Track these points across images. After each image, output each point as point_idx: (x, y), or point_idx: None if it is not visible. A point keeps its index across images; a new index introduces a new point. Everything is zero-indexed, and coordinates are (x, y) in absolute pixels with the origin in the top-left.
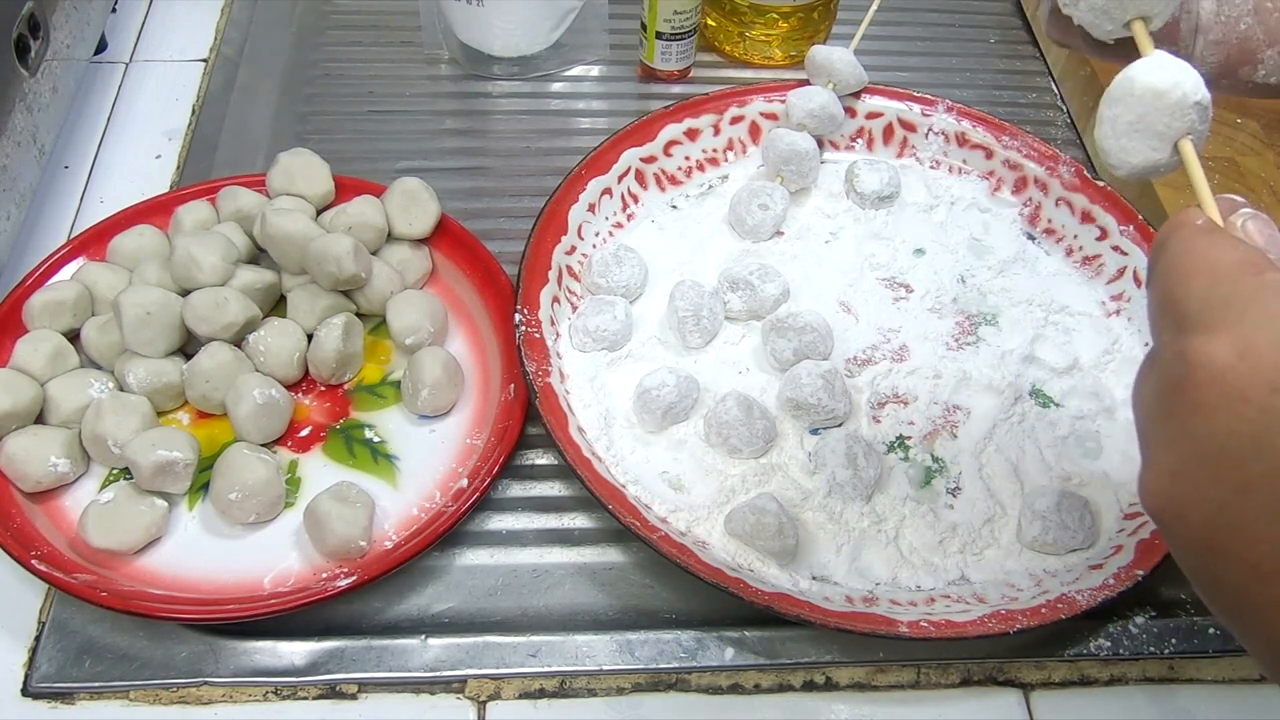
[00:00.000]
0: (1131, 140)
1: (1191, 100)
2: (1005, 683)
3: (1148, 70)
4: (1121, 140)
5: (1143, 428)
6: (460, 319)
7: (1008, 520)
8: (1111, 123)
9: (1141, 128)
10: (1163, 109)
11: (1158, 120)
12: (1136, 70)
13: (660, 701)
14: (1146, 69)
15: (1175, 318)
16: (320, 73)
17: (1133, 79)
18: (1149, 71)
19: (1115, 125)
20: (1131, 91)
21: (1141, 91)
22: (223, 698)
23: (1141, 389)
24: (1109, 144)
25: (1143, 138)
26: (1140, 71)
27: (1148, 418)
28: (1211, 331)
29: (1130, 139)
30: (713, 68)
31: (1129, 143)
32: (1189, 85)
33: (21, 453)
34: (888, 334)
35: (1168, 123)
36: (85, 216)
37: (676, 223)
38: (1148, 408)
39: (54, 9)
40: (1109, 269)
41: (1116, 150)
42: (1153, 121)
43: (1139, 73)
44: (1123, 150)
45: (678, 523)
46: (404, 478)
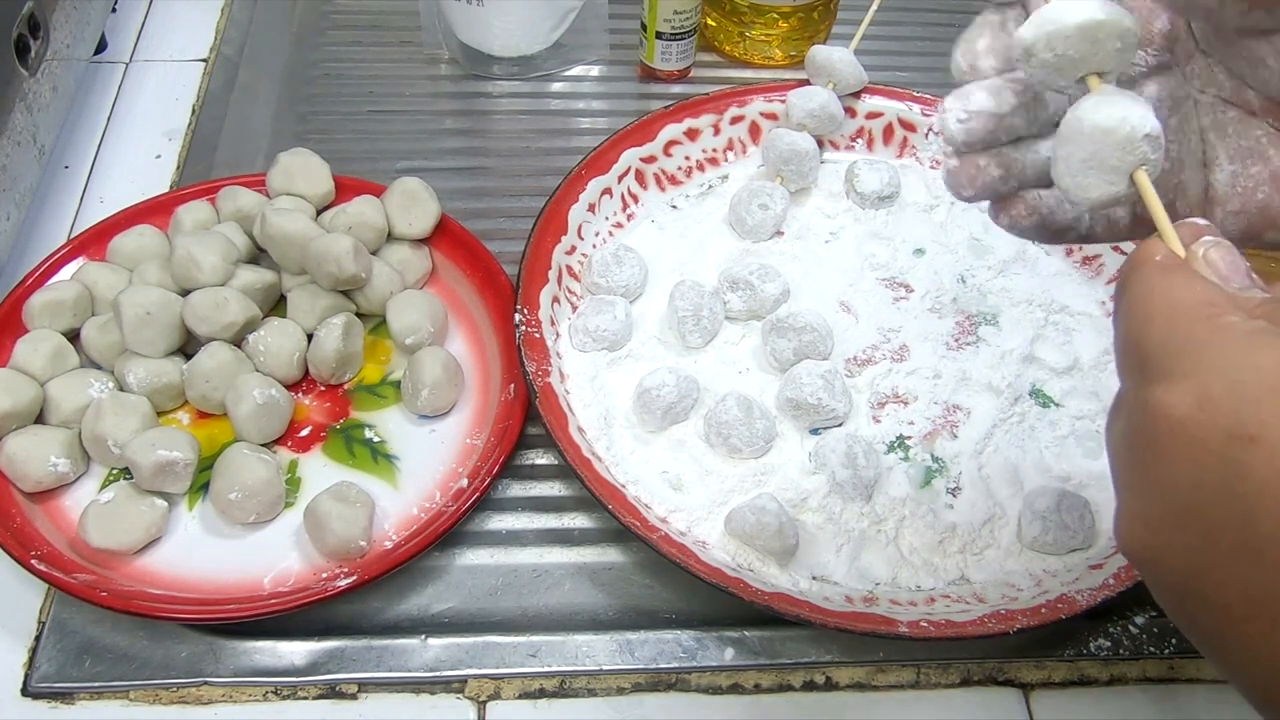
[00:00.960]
0: (1087, 177)
1: (1141, 134)
2: (1005, 683)
3: (1094, 109)
4: (1077, 178)
5: (1114, 471)
6: (460, 319)
7: (1008, 520)
8: (1065, 161)
9: (1095, 164)
10: (1113, 145)
11: (1110, 156)
12: (1084, 109)
13: (660, 701)
14: (1093, 107)
15: (1138, 364)
16: (320, 73)
17: (1080, 118)
18: (1095, 109)
19: (1069, 164)
20: (1080, 130)
21: (1090, 130)
22: (223, 698)
23: (1111, 432)
24: (1066, 181)
25: (1097, 174)
26: (1088, 110)
27: (1118, 462)
28: (1170, 380)
29: (1085, 176)
30: (713, 68)
31: (1085, 179)
32: (1136, 119)
33: (21, 453)
34: (888, 334)
35: (1120, 157)
36: (85, 216)
37: (676, 223)
38: (1117, 452)
39: (54, 9)
40: (1109, 269)
41: (1074, 187)
42: (1105, 157)
43: (1086, 111)
44: (1080, 187)
45: (677, 523)
46: (404, 478)
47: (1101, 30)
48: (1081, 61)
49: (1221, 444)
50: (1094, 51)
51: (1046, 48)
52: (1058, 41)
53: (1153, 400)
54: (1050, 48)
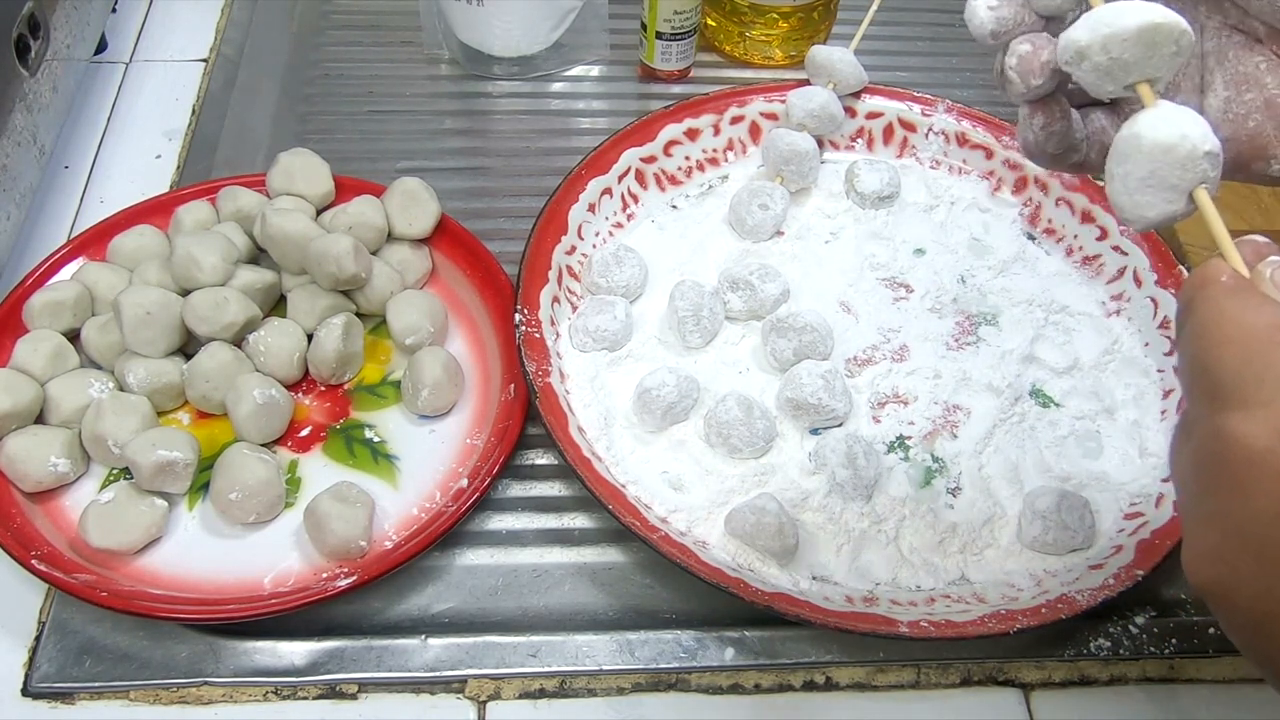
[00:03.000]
0: (1145, 195)
1: (1201, 151)
2: (1005, 683)
3: (1153, 125)
4: (1135, 196)
5: (1183, 499)
6: (460, 319)
7: (1008, 520)
8: (1123, 180)
9: (1154, 183)
10: (1173, 162)
11: (1170, 174)
12: (1142, 126)
13: (660, 701)
14: (1151, 124)
15: (1208, 390)
16: (320, 73)
17: (1139, 135)
18: (1154, 126)
19: (1126, 182)
20: (1139, 148)
21: (1150, 148)
22: (223, 698)
23: (1178, 458)
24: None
25: (1156, 192)
26: (1146, 127)
27: (1187, 491)
28: (1247, 409)
29: (1143, 194)
30: (713, 68)
31: (1142, 198)
32: (1197, 136)
33: (21, 453)
34: (888, 334)
35: (1180, 175)
36: (85, 216)
37: (676, 223)
38: (1186, 480)
39: (54, 9)
40: (1109, 269)
41: (1131, 206)
42: (1165, 175)
43: (1145, 128)
44: (1137, 206)
45: (678, 523)
46: (404, 478)
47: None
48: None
49: None
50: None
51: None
52: (1114, 45)
53: (1228, 428)
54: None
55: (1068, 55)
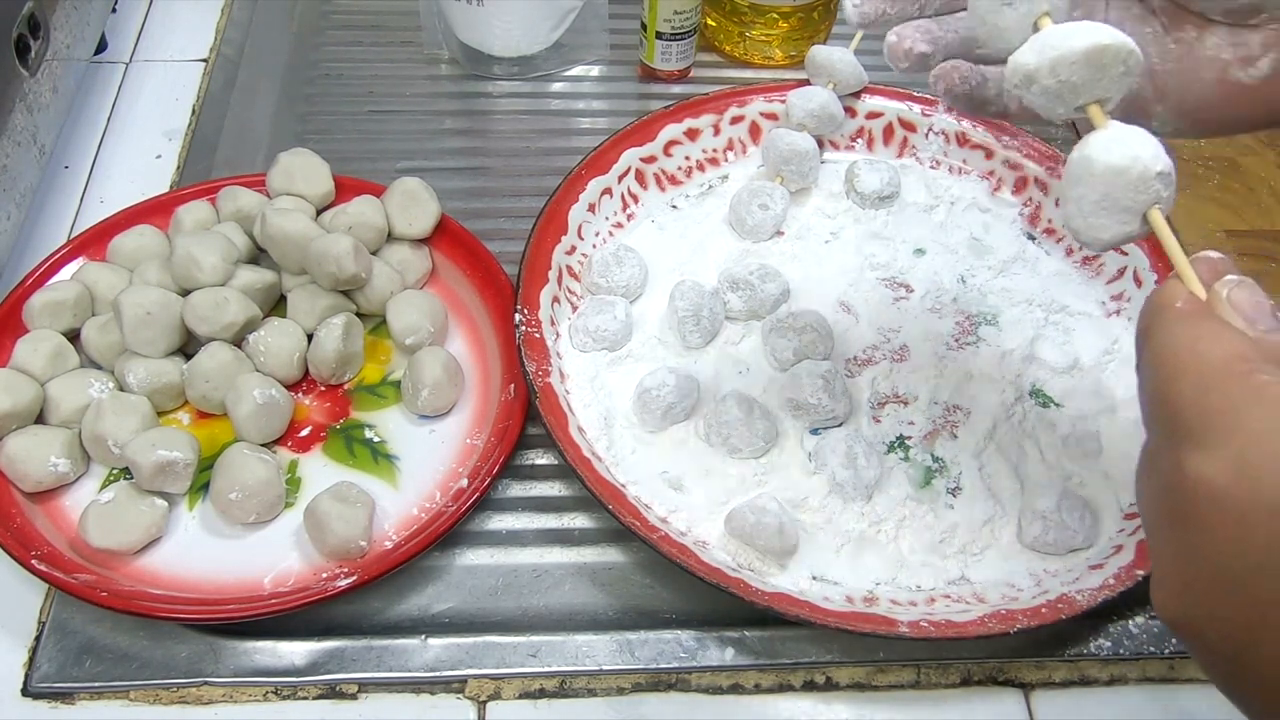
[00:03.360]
0: (1099, 218)
1: (1154, 172)
2: (1005, 683)
3: (1105, 148)
4: (1089, 219)
5: (1149, 532)
6: (460, 319)
7: (1008, 520)
8: (1077, 203)
9: (1108, 205)
10: (1126, 185)
11: (1123, 196)
12: (1093, 149)
13: (660, 701)
14: (1104, 147)
15: (1167, 424)
16: (320, 73)
17: (1091, 159)
18: (1106, 149)
19: (1081, 206)
20: (1092, 171)
21: (1102, 171)
22: (223, 698)
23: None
24: (1078, 223)
25: (1110, 214)
26: (1098, 150)
27: (1152, 524)
28: (1206, 446)
29: (1098, 217)
30: (713, 68)
31: (1097, 221)
32: (1148, 157)
33: (21, 453)
34: (888, 334)
35: (1134, 197)
36: (85, 216)
37: (676, 223)
38: (1151, 514)
39: (54, 9)
40: (1109, 269)
41: (1086, 229)
42: (1118, 198)
43: (1096, 151)
44: (1092, 228)
45: (678, 523)
46: (404, 478)
47: (1107, 55)
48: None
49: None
50: (1098, 77)
51: (1050, 74)
52: (1063, 68)
53: (1189, 466)
54: (1054, 74)
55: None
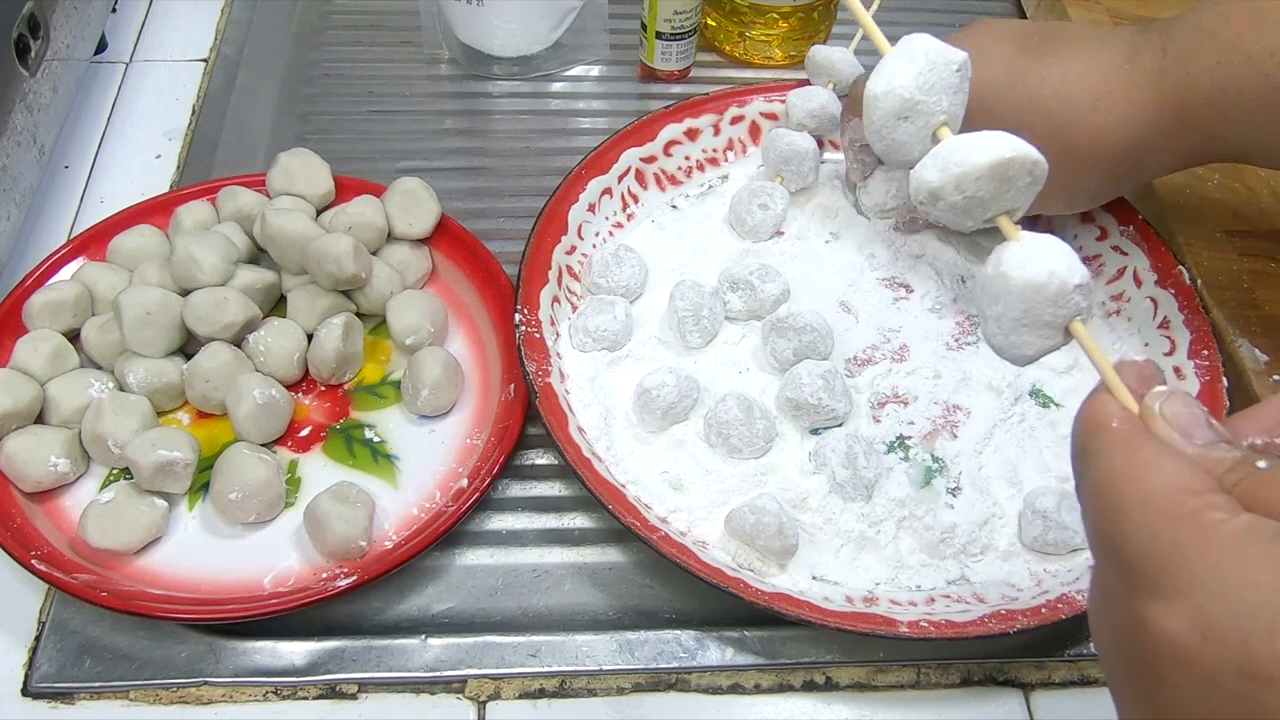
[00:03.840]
0: (1021, 335)
1: (1072, 285)
2: (1005, 683)
3: (1020, 265)
4: (1011, 337)
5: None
6: (460, 319)
7: (1008, 520)
8: (997, 321)
9: (1029, 322)
10: (1046, 301)
11: (1043, 312)
12: (1008, 265)
13: (660, 701)
14: (1018, 263)
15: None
16: (320, 73)
17: (1007, 276)
18: (1021, 266)
19: (1001, 324)
20: (1009, 289)
21: (1019, 288)
22: (223, 698)
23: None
24: (999, 341)
25: (1032, 330)
26: (1013, 267)
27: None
28: (1163, 599)
29: (1019, 334)
30: (713, 68)
31: (1019, 338)
32: (1064, 270)
33: (21, 453)
34: (888, 334)
35: (1054, 312)
36: (85, 216)
37: (676, 223)
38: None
39: (54, 9)
40: (1109, 269)
41: (1009, 346)
42: (1039, 314)
43: (1012, 268)
44: (1014, 346)
45: (678, 523)
46: (404, 478)
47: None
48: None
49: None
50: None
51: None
52: (968, 183)
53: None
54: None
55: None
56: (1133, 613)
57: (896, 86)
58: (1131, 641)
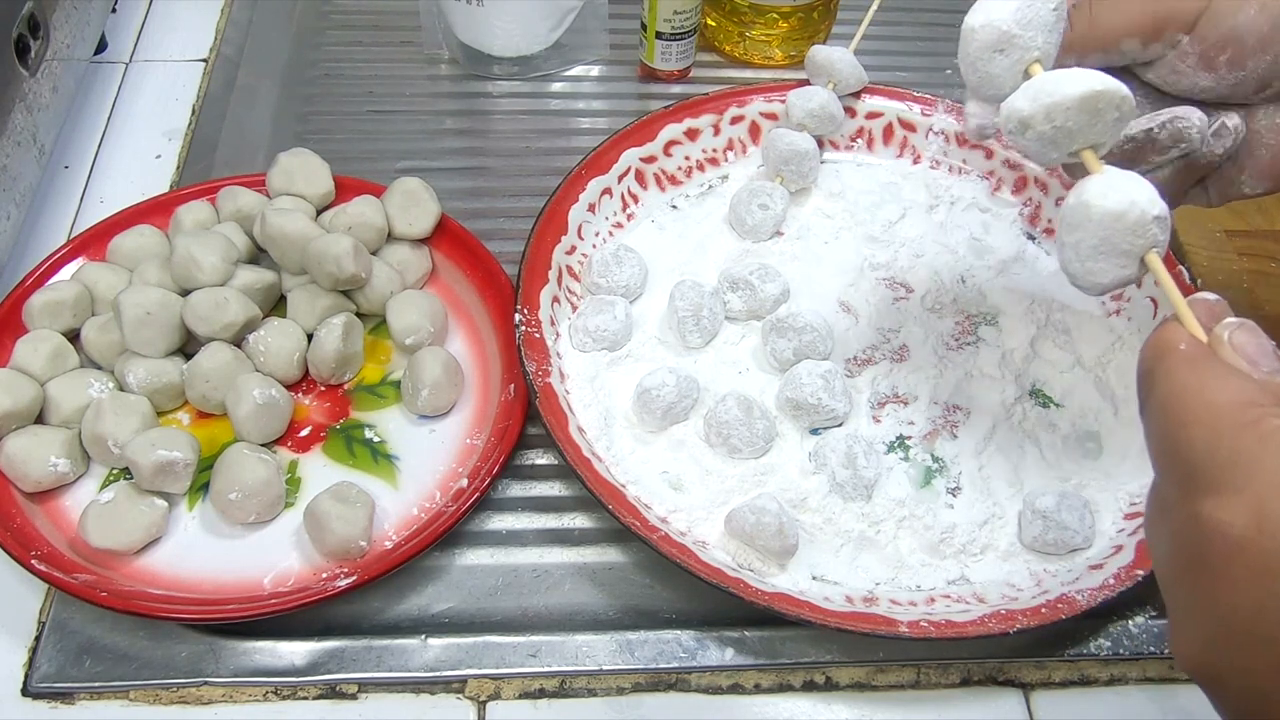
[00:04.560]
0: (1097, 263)
1: (1151, 216)
2: (1005, 683)
3: (1101, 194)
4: (1087, 264)
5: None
6: (460, 319)
7: (1007, 520)
8: (1074, 248)
9: (1106, 250)
10: (1124, 229)
11: (1121, 240)
12: (1090, 194)
13: (660, 701)
14: (1100, 192)
15: (1180, 473)
16: (320, 73)
17: (1088, 204)
18: (1103, 195)
19: (1078, 250)
20: (1089, 217)
21: (1100, 216)
22: (223, 698)
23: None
24: (1075, 268)
25: (1108, 259)
26: (1095, 195)
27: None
28: (1222, 495)
29: (1095, 262)
30: (713, 68)
31: (1095, 265)
32: (1145, 202)
33: (21, 453)
34: (888, 334)
35: (1131, 241)
36: (85, 216)
37: (676, 223)
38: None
39: (54, 9)
40: None
41: (1084, 274)
42: (1116, 242)
43: (1093, 197)
44: (1090, 273)
45: (678, 523)
46: (404, 478)
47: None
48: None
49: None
50: (1093, 123)
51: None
52: (1058, 113)
53: (1205, 516)
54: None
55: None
56: (1192, 512)
57: (995, 19)
58: (1189, 540)
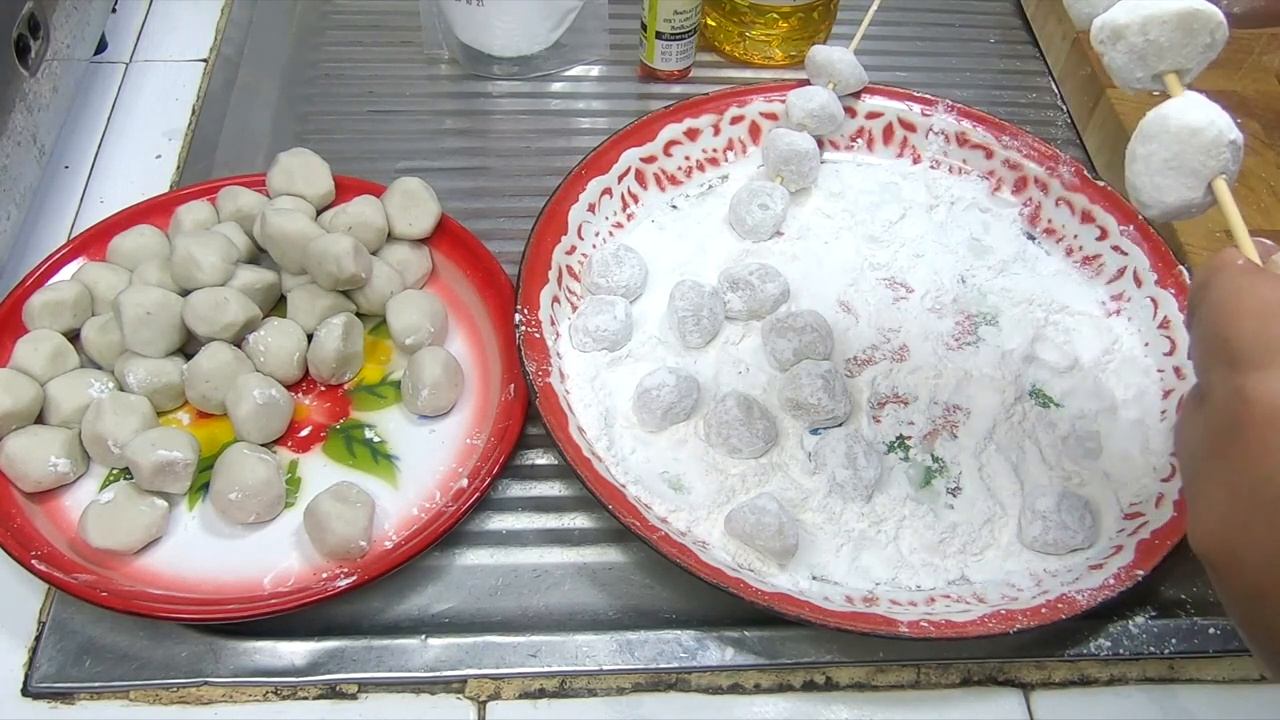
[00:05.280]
0: (1166, 178)
1: (1227, 139)
2: (1005, 683)
3: (1182, 109)
4: (1156, 178)
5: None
6: (460, 319)
7: (1008, 520)
8: (1145, 160)
9: (1176, 165)
10: (1198, 147)
11: (1193, 158)
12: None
13: (660, 701)
14: (1181, 108)
15: (1227, 358)
16: (320, 73)
17: (1167, 116)
18: (1184, 110)
19: (1149, 163)
20: (1166, 129)
21: (1177, 129)
22: (223, 698)
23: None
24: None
25: (1177, 175)
26: (1175, 110)
27: (1197, 457)
28: (1265, 369)
29: (1165, 176)
30: (713, 68)
31: (1163, 180)
32: (1223, 123)
33: (21, 453)
34: (888, 334)
35: (1203, 161)
36: (85, 216)
37: (676, 223)
38: (1195, 448)
39: (54, 9)
40: (1109, 269)
41: (1150, 188)
42: (1188, 159)
43: (1173, 110)
44: (1156, 189)
45: (678, 523)
46: (404, 478)
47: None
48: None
49: None
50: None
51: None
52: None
53: (1247, 388)
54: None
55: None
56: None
57: None
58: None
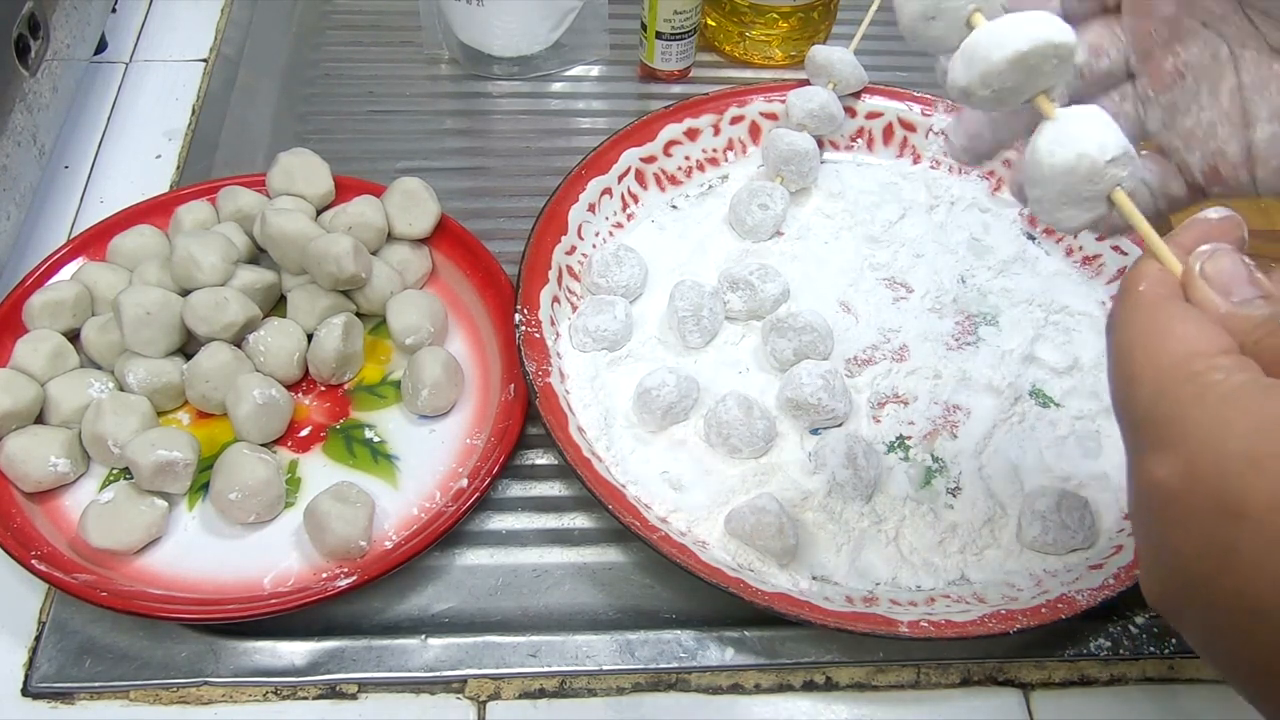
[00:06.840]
0: (1064, 211)
1: (1104, 161)
2: (1005, 683)
3: (1050, 148)
4: (1056, 214)
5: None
6: (460, 319)
7: (1008, 520)
8: (1039, 202)
9: (1069, 198)
10: (1080, 180)
11: (1081, 188)
12: (1040, 148)
13: (660, 701)
14: (1049, 145)
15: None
16: (320, 73)
17: (1039, 163)
18: (1050, 152)
19: (1043, 204)
20: (1043, 173)
21: (1051, 172)
22: (223, 698)
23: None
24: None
25: (1074, 206)
26: (1044, 149)
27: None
28: (1159, 451)
29: (1063, 210)
30: (713, 68)
31: (1063, 213)
32: (1094, 150)
33: (21, 453)
34: (888, 334)
35: (1091, 188)
36: (85, 216)
37: (676, 223)
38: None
39: (54, 9)
40: (1109, 269)
41: (1056, 222)
42: (1077, 191)
43: (1043, 150)
44: (1060, 221)
45: (678, 523)
46: (404, 478)
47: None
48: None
49: (1213, 520)
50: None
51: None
52: (992, 79)
53: (1146, 469)
54: (986, 85)
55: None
56: (1139, 468)
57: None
58: (1138, 492)
